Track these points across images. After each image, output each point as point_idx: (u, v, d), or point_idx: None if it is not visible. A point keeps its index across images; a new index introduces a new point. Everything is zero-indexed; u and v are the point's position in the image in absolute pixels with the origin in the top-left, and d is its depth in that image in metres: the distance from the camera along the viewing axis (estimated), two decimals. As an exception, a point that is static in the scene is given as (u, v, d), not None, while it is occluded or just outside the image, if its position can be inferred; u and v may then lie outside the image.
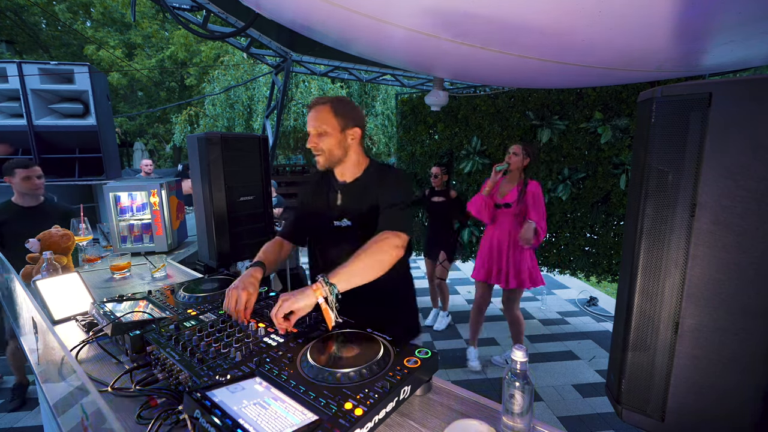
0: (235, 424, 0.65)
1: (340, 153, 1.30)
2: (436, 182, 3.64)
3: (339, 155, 1.30)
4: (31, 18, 12.46)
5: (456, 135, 4.52)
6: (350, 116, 1.29)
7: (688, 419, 0.83)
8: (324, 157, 1.29)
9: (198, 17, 2.98)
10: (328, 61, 4.49)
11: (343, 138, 1.29)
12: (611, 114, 3.61)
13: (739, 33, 1.53)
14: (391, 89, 10.49)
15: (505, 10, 1.39)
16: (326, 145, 1.28)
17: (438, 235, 3.75)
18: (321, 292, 1.00)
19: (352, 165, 1.35)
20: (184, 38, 12.58)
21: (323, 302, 1.00)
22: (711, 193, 0.77)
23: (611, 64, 1.97)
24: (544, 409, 2.61)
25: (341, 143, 1.29)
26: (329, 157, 1.30)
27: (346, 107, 1.29)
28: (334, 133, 1.27)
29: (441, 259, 3.72)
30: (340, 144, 1.29)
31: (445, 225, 3.74)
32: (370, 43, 2.21)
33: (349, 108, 1.30)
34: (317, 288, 1.00)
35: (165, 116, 13.94)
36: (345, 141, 1.30)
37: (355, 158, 1.34)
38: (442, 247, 3.71)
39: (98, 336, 1.11)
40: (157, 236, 2.21)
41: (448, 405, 0.87)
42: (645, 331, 0.86)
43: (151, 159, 8.10)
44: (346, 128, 1.29)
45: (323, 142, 1.28)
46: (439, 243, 3.74)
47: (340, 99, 1.31)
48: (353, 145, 1.32)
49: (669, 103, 0.81)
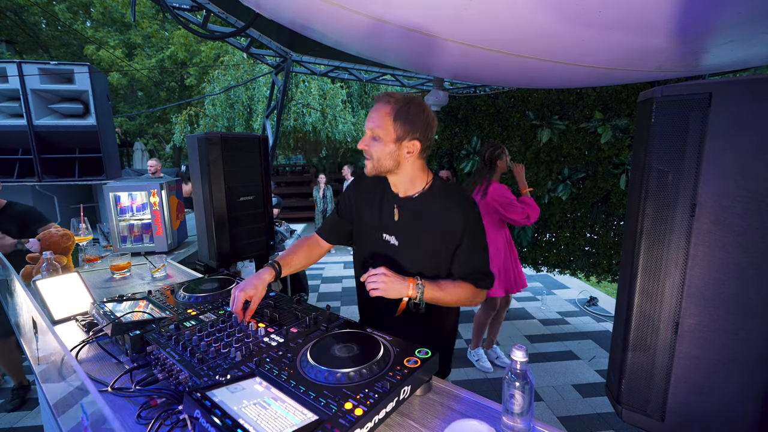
0: (235, 424, 0.65)
1: (390, 165, 1.15)
2: None
3: (389, 167, 1.15)
4: (31, 18, 12.45)
5: (456, 135, 4.52)
6: (412, 126, 1.11)
7: (688, 419, 0.83)
8: (372, 164, 1.16)
9: (198, 17, 2.98)
10: (328, 61, 4.49)
11: (396, 149, 1.12)
12: (611, 114, 3.61)
13: (739, 33, 1.53)
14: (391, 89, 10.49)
15: (505, 9, 1.39)
16: (377, 152, 1.13)
17: None
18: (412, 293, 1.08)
19: (407, 179, 1.19)
20: (184, 38, 12.57)
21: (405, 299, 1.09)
22: (711, 193, 0.77)
23: (611, 64, 1.97)
24: (544, 409, 2.61)
25: (393, 155, 1.13)
26: (377, 166, 1.16)
27: (410, 114, 1.10)
28: (387, 141, 1.11)
29: None
30: (391, 155, 1.13)
31: None
32: (370, 43, 2.21)
33: (414, 115, 1.10)
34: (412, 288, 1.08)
35: (165, 116, 13.94)
36: (398, 153, 1.13)
37: (411, 173, 1.18)
38: None
39: (98, 336, 1.11)
40: (157, 236, 2.21)
41: (448, 405, 0.87)
42: (645, 331, 0.86)
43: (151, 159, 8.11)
44: (404, 139, 1.11)
45: (374, 148, 1.13)
46: None
47: (409, 101, 1.11)
48: (409, 159, 1.15)
49: (669, 103, 0.81)
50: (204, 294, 1.30)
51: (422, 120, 1.12)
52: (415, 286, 1.07)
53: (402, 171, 1.17)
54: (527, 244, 4.21)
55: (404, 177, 1.19)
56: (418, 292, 1.07)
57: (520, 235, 4.19)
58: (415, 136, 1.12)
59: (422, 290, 1.08)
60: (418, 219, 1.19)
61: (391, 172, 1.18)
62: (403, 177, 1.19)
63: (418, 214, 1.19)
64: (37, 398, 2.71)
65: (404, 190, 1.21)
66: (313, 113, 10.09)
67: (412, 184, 1.20)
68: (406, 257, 1.20)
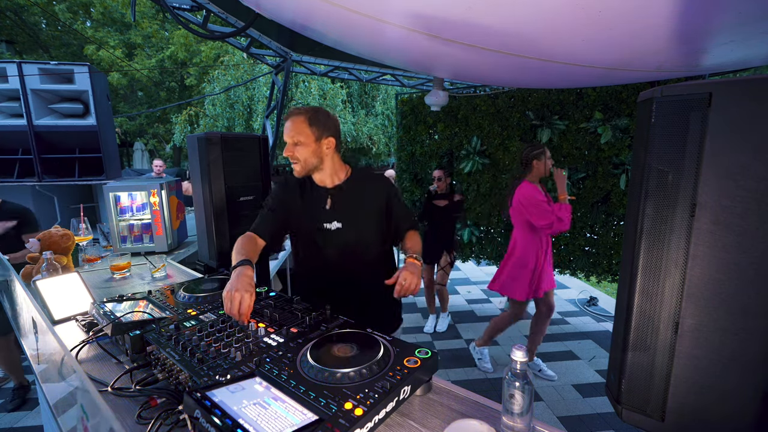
0: (235, 424, 0.65)
1: (315, 161, 1.37)
2: (439, 185, 3.57)
3: (315, 163, 1.38)
4: (31, 18, 12.45)
5: (456, 135, 4.52)
6: (325, 126, 1.35)
7: (688, 419, 0.83)
8: (300, 165, 1.36)
9: (198, 17, 2.98)
10: (328, 61, 4.49)
11: (318, 147, 1.36)
12: (611, 114, 3.61)
13: (739, 33, 1.53)
14: (391, 89, 10.49)
15: (505, 10, 1.39)
16: (302, 154, 1.35)
17: (439, 239, 3.65)
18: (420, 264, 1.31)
19: (331, 172, 1.42)
20: (184, 38, 12.58)
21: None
22: (711, 193, 0.77)
23: (611, 64, 1.97)
24: (544, 409, 2.61)
25: (316, 152, 1.36)
26: (305, 165, 1.37)
27: (320, 118, 1.35)
28: (308, 143, 1.34)
29: (443, 264, 3.64)
30: (315, 153, 1.36)
31: (447, 229, 3.65)
32: (370, 43, 2.21)
33: (323, 118, 1.36)
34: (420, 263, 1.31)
35: (165, 116, 13.94)
36: (320, 150, 1.36)
37: (332, 165, 1.42)
38: (445, 252, 3.63)
39: (98, 336, 1.11)
40: (157, 236, 2.21)
41: (448, 405, 0.87)
42: (645, 331, 0.86)
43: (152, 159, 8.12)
44: (321, 138, 1.35)
45: (299, 152, 1.34)
46: (441, 248, 3.64)
47: (316, 110, 1.37)
48: (329, 154, 1.39)
49: (669, 103, 0.81)
50: (204, 294, 1.30)
51: (332, 121, 1.39)
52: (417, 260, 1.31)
53: (326, 165, 1.40)
54: (527, 244, 4.21)
55: (328, 170, 1.42)
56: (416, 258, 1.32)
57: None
58: (329, 134, 1.37)
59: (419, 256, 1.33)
60: (351, 201, 1.42)
61: (317, 169, 1.40)
62: (328, 170, 1.42)
63: (350, 197, 1.42)
64: (37, 398, 2.71)
65: (331, 181, 1.43)
66: (313, 113, 10.08)
67: (337, 176, 1.44)
68: (350, 236, 1.42)
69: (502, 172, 4.24)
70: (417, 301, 4.63)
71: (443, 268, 3.66)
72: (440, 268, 3.66)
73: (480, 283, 5.38)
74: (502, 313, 3.01)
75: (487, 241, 4.50)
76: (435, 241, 3.68)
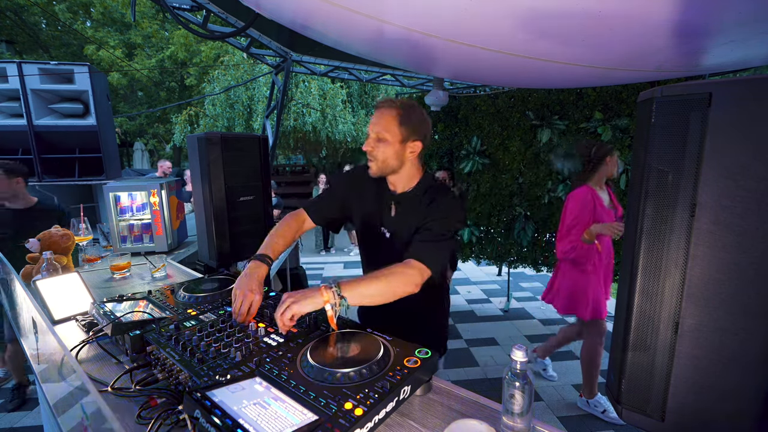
0: (235, 424, 0.65)
1: (395, 164, 1.23)
2: None
3: (394, 166, 1.24)
4: (31, 18, 12.45)
5: (456, 135, 4.52)
6: (415, 128, 1.21)
7: (688, 419, 0.83)
8: (377, 165, 1.23)
9: (198, 17, 2.98)
10: (328, 61, 4.49)
11: (402, 150, 1.22)
12: (611, 114, 3.61)
13: (739, 33, 1.53)
14: (391, 89, 10.48)
15: (505, 10, 1.39)
16: (383, 154, 1.21)
17: None
18: (330, 299, 0.97)
19: (407, 177, 1.28)
20: (184, 38, 12.57)
21: (330, 309, 0.97)
22: (711, 193, 0.77)
23: (611, 64, 1.97)
24: (544, 409, 2.61)
25: (399, 155, 1.22)
26: (382, 166, 1.23)
27: (413, 117, 1.21)
28: (393, 143, 1.20)
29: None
30: (397, 155, 1.22)
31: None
32: (370, 43, 2.21)
33: (416, 118, 1.21)
34: (326, 294, 0.97)
35: (165, 116, 13.93)
36: (403, 153, 1.22)
37: (411, 171, 1.28)
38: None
39: (98, 336, 1.11)
40: (157, 236, 2.21)
41: (448, 405, 0.87)
42: (645, 331, 0.86)
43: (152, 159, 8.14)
44: (408, 140, 1.21)
45: (380, 150, 1.21)
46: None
47: (410, 107, 1.22)
48: (411, 158, 1.25)
49: (669, 103, 0.81)
50: (204, 294, 1.30)
51: (424, 123, 1.23)
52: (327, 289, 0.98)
53: (404, 170, 1.26)
54: (527, 244, 4.21)
55: (404, 175, 1.28)
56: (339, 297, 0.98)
57: (520, 234, 4.19)
58: (417, 138, 1.22)
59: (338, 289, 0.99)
60: (410, 212, 1.27)
61: (395, 172, 1.26)
62: (403, 175, 1.28)
63: (410, 207, 1.27)
64: (37, 398, 2.71)
65: (402, 187, 1.30)
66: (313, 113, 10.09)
67: (410, 182, 1.30)
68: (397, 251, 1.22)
69: (502, 172, 4.25)
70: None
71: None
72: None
73: (480, 283, 5.38)
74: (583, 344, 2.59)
75: (487, 241, 4.50)
76: None
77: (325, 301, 0.97)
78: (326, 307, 0.97)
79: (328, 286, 0.99)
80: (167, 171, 5.24)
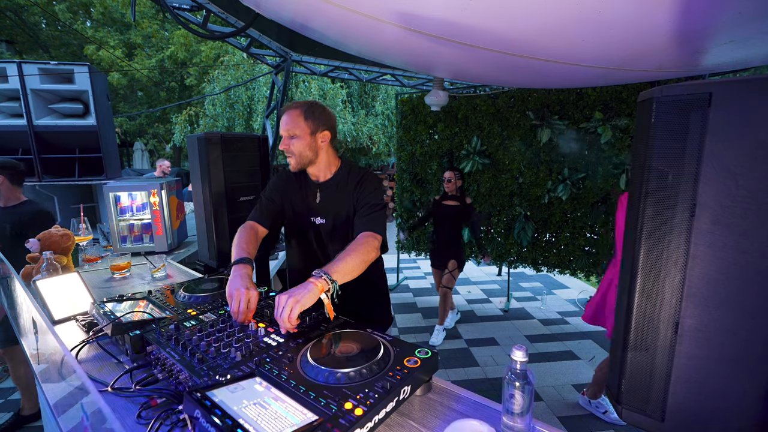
0: (235, 424, 0.65)
1: (310, 155, 1.38)
2: (449, 186, 3.50)
3: (310, 157, 1.38)
4: (31, 18, 12.45)
5: (456, 135, 4.52)
6: (320, 120, 1.37)
7: (688, 419, 0.83)
8: (295, 159, 1.38)
9: (198, 17, 2.98)
10: (328, 61, 4.49)
11: (313, 141, 1.37)
12: (611, 114, 3.61)
13: (739, 33, 1.52)
14: (391, 89, 10.49)
15: (505, 10, 1.39)
16: (297, 147, 1.36)
17: (449, 242, 3.57)
18: (323, 287, 1.04)
19: (324, 166, 1.43)
20: (184, 38, 12.57)
21: (326, 297, 1.04)
22: (711, 193, 0.77)
23: (611, 64, 1.97)
24: (544, 409, 2.61)
25: (311, 146, 1.37)
26: (300, 159, 1.38)
27: (316, 111, 1.37)
28: (304, 136, 1.35)
29: (451, 267, 3.53)
30: (310, 146, 1.37)
31: (455, 232, 3.58)
32: (370, 43, 2.20)
33: (319, 112, 1.37)
34: (320, 283, 1.03)
35: (165, 116, 13.93)
36: (315, 143, 1.38)
37: (327, 159, 1.43)
38: (453, 256, 3.54)
39: (98, 336, 1.11)
40: (157, 236, 2.21)
41: (448, 405, 0.87)
42: (645, 331, 0.86)
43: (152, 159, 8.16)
44: (317, 131, 1.37)
45: (294, 145, 1.36)
46: (450, 251, 3.56)
47: (312, 104, 1.39)
48: (324, 147, 1.40)
49: (669, 103, 0.81)
50: (204, 294, 1.30)
51: (327, 115, 1.40)
52: (318, 279, 1.03)
53: (320, 159, 1.41)
54: (527, 244, 4.21)
55: (323, 164, 1.43)
56: (331, 282, 1.04)
57: (520, 234, 4.19)
58: (325, 128, 1.38)
59: (327, 276, 1.05)
60: (337, 196, 1.42)
61: (312, 162, 1.40)
62: (322, 164, 1.43)
63: (337, 191, 1.43)
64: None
65: (323, 176, 1.45)
66: (313, 113, 10.06)
67: (329, 170, 1.45)
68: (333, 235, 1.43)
69: (502, 172, 4.25)
70: (417, 301, 4.63)
71: (451, 272, 3.53)
72: (448, 272, 3.55)
73: (480, 283, 5.38)
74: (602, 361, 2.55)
75: (487, 241, 4.50)
76: (443, 244, 3.60)
77: (320, 290, 1.03)
78: (322, 296, 1.03)
79: (317, 276, 1.05)
80: (166, 170, 5.23)
